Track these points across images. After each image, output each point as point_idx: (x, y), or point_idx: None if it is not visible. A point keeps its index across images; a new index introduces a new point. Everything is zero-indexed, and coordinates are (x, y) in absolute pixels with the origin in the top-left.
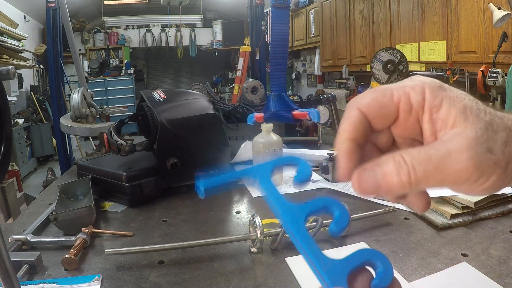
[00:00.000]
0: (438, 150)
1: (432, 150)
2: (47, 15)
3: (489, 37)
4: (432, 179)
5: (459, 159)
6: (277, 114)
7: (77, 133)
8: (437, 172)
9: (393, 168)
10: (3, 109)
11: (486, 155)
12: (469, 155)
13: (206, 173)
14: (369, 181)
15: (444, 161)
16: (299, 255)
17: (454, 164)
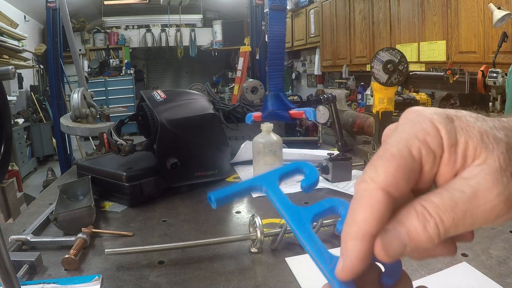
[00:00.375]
0: (463, 192)
1: (456, 194)
2: (47, 15)
3: (489, 37)
4: (461, 226)
5: (488, 198)
6: (275, 113)
7: (77, 133)
8: (466, 217)
9: (418, 224)
10: (3, 109)
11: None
12: (498, 191)
13: (208, 174)
14: (394, 244)
15: (472, 204)
16: (299, 255)
17: (484, 204)
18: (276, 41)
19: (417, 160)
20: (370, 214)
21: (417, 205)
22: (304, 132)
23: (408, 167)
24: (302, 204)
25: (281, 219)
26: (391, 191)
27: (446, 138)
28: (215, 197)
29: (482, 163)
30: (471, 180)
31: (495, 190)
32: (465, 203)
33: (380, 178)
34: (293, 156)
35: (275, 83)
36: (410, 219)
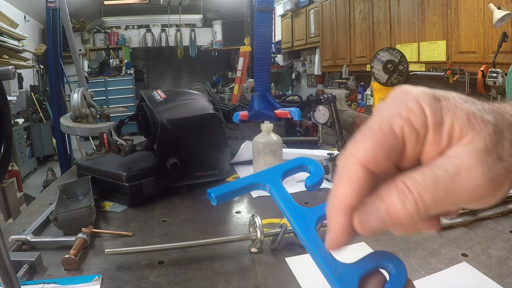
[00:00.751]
0: (446, 170)
1: (439, 172)
2: (47, 15)
3: (489, 37)
4: (442, 204)
5: (471, 177)
6: (261, 113)
7: (77, 133)
8: (448, 196)
9: (397, 199)
10: (3, 109)
11: (497, 164)
12: (482, 171)
13: (208, 174)
14: (371, 218)
15: (454, 183)
16: (299, 255)
17: (466, 183)
18: (262, 42)
19: (399, 137)
20: (349, 189)
21: (398, 181)
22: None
23: (388, 144)
24: (302, 204)
25: (281, 219)
26: (370, 167)
27: (431, 117)
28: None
29: (468, 143)
30: (455, 158)
31: (478, 169)
32: (447, 181)
33: (360, 153)
34: (293, 156)
35: (261, 83)
36: (390, 195)
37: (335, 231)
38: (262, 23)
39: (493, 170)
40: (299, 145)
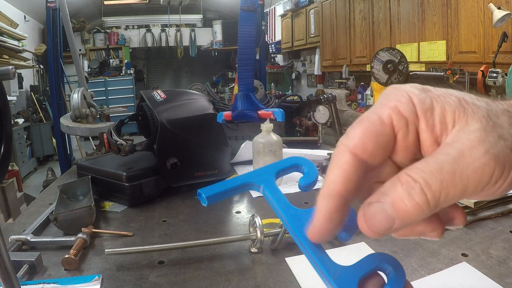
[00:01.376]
0: (449, 154)
1: (441, 156)
2: (47, 15)
3: (489, 37)
4: (452, 190)
5: (476, 156)
6: (244, 113)
7: (77, 133)
8: (456, 179)
9: (402, 192)
10: (3, 109)
11: (500, 142)
12: (485, 148)
13: (208, 173)
14: (378, 216)
15: (460, 164)
16: (299, 255)
17: (472, 163)
18: (246, 41)
19: (387, 125)
20: (337, 174)
21: (402, 174)
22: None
23: (376, 131)
24: (302, 204)
25: None
26: (359, 153)
27: (419, 104)
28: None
29: (464, 126)
30: (455, 143)
31: (481, 148)
32: (452, 164)
33: (349, 141)
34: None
35: (245, 83)
36: (395, 189)
37: (318, 217)
38: (245, 23)
39: (496, 148)
40: (299, 145)
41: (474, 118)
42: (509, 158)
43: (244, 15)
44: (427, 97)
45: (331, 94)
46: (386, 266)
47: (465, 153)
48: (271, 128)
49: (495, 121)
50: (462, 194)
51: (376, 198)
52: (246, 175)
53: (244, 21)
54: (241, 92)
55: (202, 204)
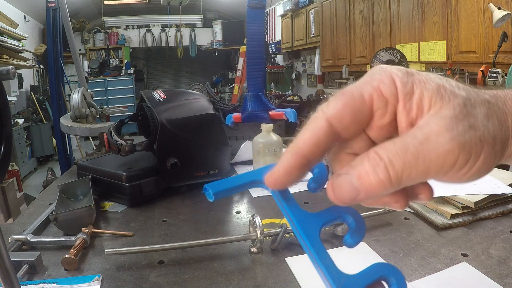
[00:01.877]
0: (415, 137)
1: (408, 139)
2: (47, 15)
3: (489, 37)
4: (414, 171)
5: (440, 142)
6: (254, 114)
7: (77, 133)
8: (418, 161)
9: (369, 167)
10: (3, 109)
11: (469, 132)
12: (451, 135)
13: (208, 173)
14: (344, 187)
15: (424, 148)
16: (299, 255)
17: (436, 148)
18: (255, 40)
19: (367, 103)
20: (308, 136)
21: (370, 152)
22: None
23: (355, 106)
24: (302, 204)
25: (281, 219)
26: (334, 123)
27: (400, 87)
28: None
29: (437, 112)
30: (424, 127)
31: (447, 134)
32: (416, 146)
33: (328, 110)
34: None
35: (254, 83)
36: (362, 163)
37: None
38: (254, 20)
39: (463, 136)
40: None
41: (448, 105)
42: (476, 148)
43: (252, 13)
44: (409, 81)
45: (331, 94)
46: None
47: (431, 138)
48: (271, 128)
49: (470, 111)
50: (424, 176)
51: (345, 170)
52: (255, 172)
53: (252, 18)
54: (251, 93)
55: (208, 199)
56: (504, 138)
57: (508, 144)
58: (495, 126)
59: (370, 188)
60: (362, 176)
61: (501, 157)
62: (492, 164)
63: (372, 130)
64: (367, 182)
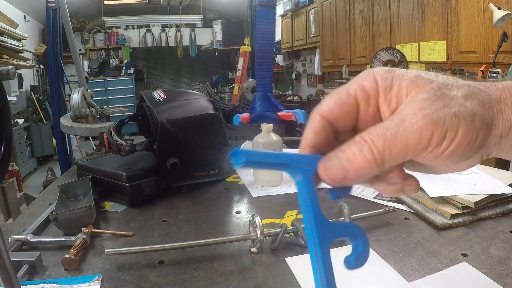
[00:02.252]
0: (393, 119)
1: (387, 122)
2: (47, 15)
3: (489, 37)
4: (394, 149)
5: (414, 120)
6: (263, 115)
7: (77, 133)
8: (396, 140)
9: (355, 149)
10: (3, 109)
11: (442, 110)
12: (423, 114)
13: (208, 173)
14: (334, 167)
15: (400, 128)
16: (299, 255)
17: (411, 126)
18: (264, 39)
19: (351, 97)
20: (308, 132)
21: (356, 136)
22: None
23: (341, 100)
24: None
25: (281, 219)
26: (326, 116)
27: (381, 83)
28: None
29: (413, 97)
30: (401, 111)
31: (420, 113)
32: (394, 127)
33: (320, 107)
34: None
35: (263, 83)
36: (349, 146)
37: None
38: (263, 19)
39: (436, 114)
40: (299, 145)
41: (422, 90)
42: (451, 122)
43: (262, 12)
44: (389, 77)
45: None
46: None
47: (406, 119)
48: (271, 128)
49: (445, 92)
50: (404, 153)
51: (334, 153)
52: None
53: (262, 18)
54: (260, 93)
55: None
56: (487, 116)
57: (494, 124)
58: (475, 105)
59: (357, 167)
60: (349, 157)
61: (486, 134)
62: (475, 137)
63: (360, 123)
64: (354, 162)
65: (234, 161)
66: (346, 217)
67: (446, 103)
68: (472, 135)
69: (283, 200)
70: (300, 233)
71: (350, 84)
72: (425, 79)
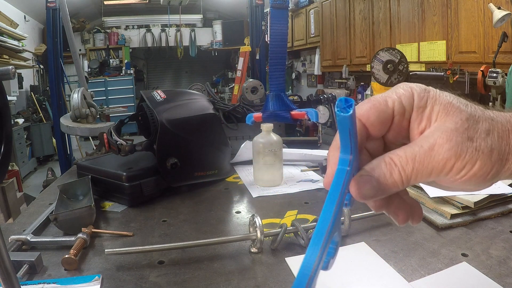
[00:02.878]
0: (422, 147)
1: (416, 148)
2: (47, 15)
3: (489, 37)
4: (421, 174)
5: (440, 152)
6: (276, 114)
7: (77, 133)
8: (424, 167)
9: (386, 170)
10: (3, 109)
11: (466, 143)
12: (449, 146)
13: (208, 173)
14: (367, 186)
15: (428, 156)
16: (299, 255)
17: (437, 157)
18: (278, 40)
19: (389, 107)
20: None
21: (386, 157)
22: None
23: (380, 109)
24: (302, 204)
25: (281, 219)
26: (363, 120)
27: (417, 100)
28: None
29: (441, 124)
30: (430, 137)
31: (446, 145)
32: (422, 156)
33: (358, 110)
34: (293, 156)
35: (276, 83)
36: (380, 167)
37: (329, 166)
38: (277, 21)
39: (460, 147)
40: (299, 145)
41: (451, 119)
42: (471, 156)
43: (275, 13)
44: (425, 97)
45: (331, 94)
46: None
47: (435, 148)
48: (271, 128)
49: (471, 125)
50: (428, 177)
51: (365, 172)
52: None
53: (275, 19)
54: (273, 93)
55: (343, 113)
56: (503, 151)
57: (508, 159)
58: (494, 140)
59: (386, 188)
60: (380, 179)
61: (500, 168)
62: (489, 171)
63: (390, 132)
64: (384, 183)
65: (343, 111)
66: (346, 217)
67: (470, 136)
68: (487, 168)
69: (283, 200)
70: (300, 233)
71: (389, 95)
72: (455, 107)
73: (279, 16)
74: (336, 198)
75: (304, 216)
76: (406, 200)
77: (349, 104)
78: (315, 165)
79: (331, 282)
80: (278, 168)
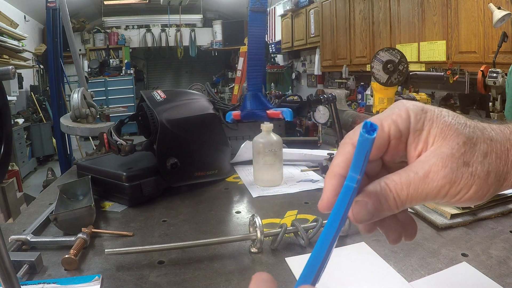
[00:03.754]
0: (417, 173)
1: (411, 174)
2: (47, 15)
3: (489, 37)
4: (415, 199)
5: (435, 179)
6: (253, 113)
7: (77, 133)
8: (418, 193)
9: (381, 196)
10: (3, 109)
11: (461, 169)
12: (444, 173)
13: (208, 173)
14: (362, 211)
15: (423, 183)
16: (299, 255)
17: (431, 184)
18: (255, 42)
19: (385, 132)
20: (340, 160)
21: (382, 182)
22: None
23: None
24: (302, 204)
25: (281, 219)
26: None
27: (413, 124)
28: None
29: (437, 149)
30: (425, 164)
31: (441, 172)
32: (417, 183)
33: (354, 137)
34: (293, 156)
35: (253, 83)
36: (375, 191)
37: (325, 191)
38: (255, 24)
39: (455, 174)
40: (299, 145)
41: (448, 143)
42: (467, 182)
43: (253, 16)
44: (421, 119)
45: (331, 94)
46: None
47: (429, 175)
48: (271, 128)
49: (468, 149)
50: (422, 201)
51: (361, 197)
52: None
53: (253, 22)
54: (250, 92)
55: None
56: (501, 172)
57: (507, 177)
58: (492, 162)
59: (381, 212)
60: (375, 204)
61: (498, 187)
62: (486, 193)
63: (387, 154)
64: (379, 208)
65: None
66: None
67: (467, 161)
68: (483, 191)
69: (283, 200)
70: (300, 233)
71: (385, 118)
72: (453, 130)
73: (257, 19)
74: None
75: (304, 216)
76: (399, 219)
77: (373, 128)
78: (315, 165)
79: (331, 282)
80: (278, 168)
